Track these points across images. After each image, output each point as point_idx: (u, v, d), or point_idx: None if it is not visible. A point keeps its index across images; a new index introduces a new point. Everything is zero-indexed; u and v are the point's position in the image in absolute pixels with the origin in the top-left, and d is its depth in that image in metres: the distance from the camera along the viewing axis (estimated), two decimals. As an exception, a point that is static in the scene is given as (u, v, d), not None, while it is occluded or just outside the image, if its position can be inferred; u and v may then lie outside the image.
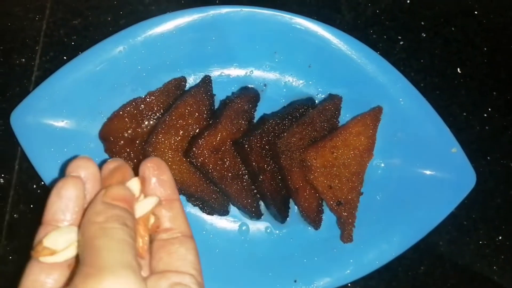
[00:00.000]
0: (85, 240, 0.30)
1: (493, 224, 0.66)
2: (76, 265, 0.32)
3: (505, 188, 0.67)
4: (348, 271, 0.58)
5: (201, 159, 0.54)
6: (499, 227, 0.66)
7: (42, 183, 0.58)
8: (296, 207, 0.59)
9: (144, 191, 0.36)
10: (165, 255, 0.34)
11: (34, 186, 0.61)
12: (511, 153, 0.67)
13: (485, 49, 0.67)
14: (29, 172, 0.60)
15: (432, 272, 0.65)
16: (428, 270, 0.65)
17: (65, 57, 0.62)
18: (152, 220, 0.36)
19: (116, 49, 0.56)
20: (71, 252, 0.32)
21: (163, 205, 0.36)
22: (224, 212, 0.59)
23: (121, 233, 0.30)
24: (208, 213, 0.58)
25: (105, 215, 0.31)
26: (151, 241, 0.35)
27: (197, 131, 0.57)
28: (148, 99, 0.57)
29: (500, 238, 0.66)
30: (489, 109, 0.67)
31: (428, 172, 0.59)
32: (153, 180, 0.37)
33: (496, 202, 0.66)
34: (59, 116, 0.56)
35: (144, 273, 0.35)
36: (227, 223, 0.60)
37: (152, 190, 0.37)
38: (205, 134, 0.55)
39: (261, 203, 0.59)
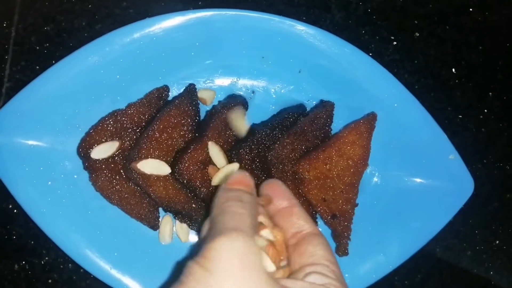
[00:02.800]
0: (211, 220, 0.38)
1: (490, 228, 0.65)
2: None
3: (502, 191, 0.65)
4: (344, 286, 0.55)
5: (187, 176, 0.51)
6: (496, 231, 0.65)
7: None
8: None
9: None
10: (297, 257, 0.38)
11: (10, 206, 0.57)
12: (507, 156, 0.65)
13: (481, 48, 0.65)
14: (4, 192, 0.56)
15: (429, 280, 0.64)
16: (425, 278, 0.63)
17: (37, 66, 0.58)
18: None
19: (92, 58, 0.53)
20: None
21: (286, 213, 0.42)
22: (213, 228, 0.56)
23: (234, 207, 0.37)
24: (197, 230, 0.55)
25: (225, 197, 0.39)
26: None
27: (182, 144, 0.53)
28: (128, 111, 0.53)
29: (497, 242, 0.65)
30: (485, 111, 0.65)
31: (425, 181, 0.57)
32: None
33: (493, 206, 0.65)
34: (33, 133, 0.52)
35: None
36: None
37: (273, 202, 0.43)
38: (191, 149, 0.51)
39: (252, 218, 0.56)
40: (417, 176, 0.57)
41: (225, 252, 0.32)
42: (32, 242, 0.58)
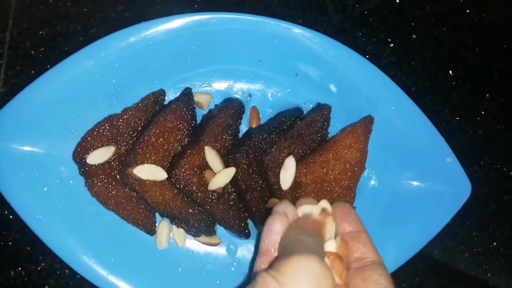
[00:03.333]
0: (283, 249, 0.40)
1: (488, 230, 0.65)
2: None
3: (500, 193, 0.65)
4: (342, 289, 0.55)
5: (184, 181, 0.51)
6: (494, 233, 0.65)
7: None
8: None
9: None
10: (360, 282, 0.39)
11: (6, 212, 0.57)
12: (504, 158, 0.65)
13: (478, 49, 0.64)
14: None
15: (427, 283, 0.63)
16: (423, 281, 0.63)
17: (32, 71, 0.58)
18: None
19: (87, 62, 0.52)
20: None
21: (352, 237, 0.43)
22: (210, 233, 0.55)
23: (307, 240, 0.38)
24: (194, 235, 0.55)
25: (296, 231, 0.41)
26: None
27: (178, 149, 0.53)
28: (124, 116, 0.53)
29: (494, 244, 0.65)
30: (483, 112, 0.64)
31: (422, 184, 0.57)
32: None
33: (490, 208, 0.65)
34: (28, 139, 0.52)
35: None
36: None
37: (340, 225, 0.44)
38: (187, 153, 0.51)
39: (250, 222, 0.56)
40: (414, 179, 0.57)
41: (301, 270, 0.33)
42: (28, 248, 0.57)
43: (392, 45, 0.63)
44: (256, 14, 0.53)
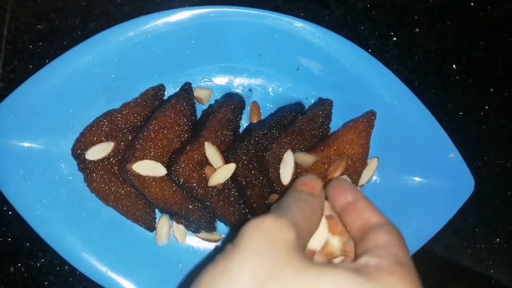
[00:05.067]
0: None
1: (491, 226, 0.64)
2: None
3: (503, 189, 0.64)
4: (343, 286, 0.55)
5: (183, 177, 0.50)
6: (497, 229, 0.64)
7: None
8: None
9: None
10: (360, 248, 0.37)
11: (5, 208, 0.56)
12: (508, 153, 0.64)
13: (482, 43, 0.64)
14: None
15: (429, 279, 0.63)
16: (425, 278, 0.62)
17: (30, 66, 0.57)
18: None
19: (86, 57, 0.51)
20: None
21: (349, 209, 0.41)
22: (210, 229, 0.55)
23: (287, 201, 0.38)
24: (194, 231, 0.55)
25: (286, 195, 0.40)
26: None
27: (178, 144, 0.52)
28: (124, 111, 0.53)
29: (497, 240, 0.64)
30: (486, 107, 0.64)
31: (425, 180, 0.56)
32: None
33: (493, 203, 0.64)
34: (26, 135, 0.51)
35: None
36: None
37: (335, 200, 0.42)
38: (187, 149, 0.51)
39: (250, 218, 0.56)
40: (417, 175, 0.56)
41: (252, 228, 0.33)
42: (28, 244, 0.57)
43: (395, 39, 0.62)
44: (257, 8, 0.52)
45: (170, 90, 0.55)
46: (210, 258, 0.36)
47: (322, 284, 0.30)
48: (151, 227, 0.54)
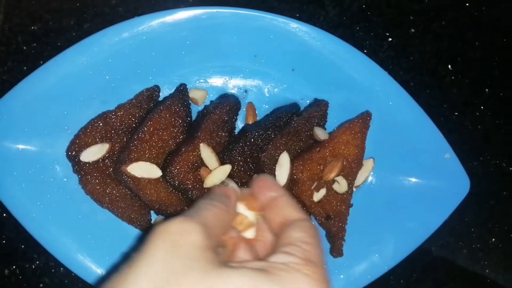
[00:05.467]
0: None
1: (486, 226, 0.64)
2: None
3: (498, 189, 0.64)
4: (339, 287, 0.55)
5: (179, 178, 0.50)
6: (492, 229, 0.64)
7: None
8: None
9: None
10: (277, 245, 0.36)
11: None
12: (504, 153, 0.64)
13: (477, 44, 0.64)
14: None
15: (425, 279, 0.63)
16: (420, 277, 0.63)
17: (25, 67, 0.57)
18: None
19: (80, 58, 0.51)
20: None
21: (270, 205, 0.39)
22: (206, 230, 0.55)
23: (200, 204, 0.36)
24: (189, 233, 0.54)
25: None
26: None
27: (173, 146, 0.52)
28: (118, 113, 0.52)
29: (493, 240, 0.64)
30: (482, 108, 0.64)
31: (420, 180, 0.56)
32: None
33: (489, 203, 0.64)
34: (21, 136, 0.51)
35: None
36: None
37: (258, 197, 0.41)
38: (182, 151, 0.51)
39: (246, 219, 0.56)
40: (412, 176, 0.57)
41: (155, 233, 0.32)
42: (23, 246, 0.57)
43: (390, 39, 0.62)
44: (252, 9, 0.52)
45: (165, 91, 0.55)
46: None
47: (224, 286, 0.29)
48: (147, 228, 0.54)
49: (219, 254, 0.34)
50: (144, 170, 0.50)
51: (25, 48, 0.57)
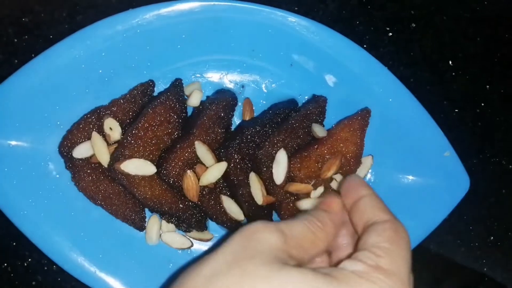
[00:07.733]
0: None
1: (485, 224, 0.64)
2: None
3: (498, 186, 0.64)
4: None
5: (174, 176, 0.49)
6: (491, 227, 0.64)
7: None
8: (279, 220, 0.55)
9: None
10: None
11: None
12: (504, 151, 0.63)
13: (479, 39, 0.63)
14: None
15: (423, 276, 0.63)
16: (418, 275, 0.62)
17: (16, 60, 0.55)
18: None
19: (73, 51, 0.50)
20: None
21: (352, 210, 0.40)
22: (201, 228, 0.54)
23: (299, 217, 0.38)
24: (185, 231, 0.54)
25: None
26: None
27: (168, 142, 0.51)
28: (112, 108, 0.51)
29: (492, 238, 0.64)
30: (482, 104, 0.63)
31: (419, 179, 0.55)
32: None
33: (488, 201, 0.64)
34: (11, 132, 0.50)
35: None
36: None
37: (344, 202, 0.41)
38: (177, 148, 0.49)
39: (242, 217, 0.55)
40: (411, 174, 0.56)
41: (236, 232, 0.34)
42: (15, 244, 0.56)
43: (390, 34, 0.61)
44: (249, 1, 0.51)
45: (160, 86, 0.54)
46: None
47: (278, 281, 0.30)
48: (141, 226, 0.53)
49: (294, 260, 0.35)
50: (138, 167, 0.49)
51: (15, 40, 0.55)
